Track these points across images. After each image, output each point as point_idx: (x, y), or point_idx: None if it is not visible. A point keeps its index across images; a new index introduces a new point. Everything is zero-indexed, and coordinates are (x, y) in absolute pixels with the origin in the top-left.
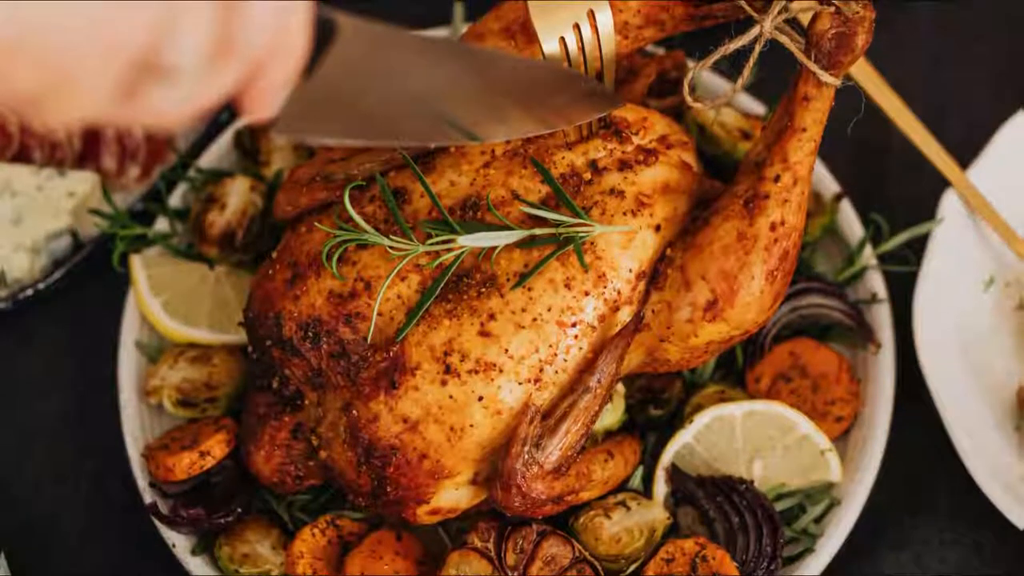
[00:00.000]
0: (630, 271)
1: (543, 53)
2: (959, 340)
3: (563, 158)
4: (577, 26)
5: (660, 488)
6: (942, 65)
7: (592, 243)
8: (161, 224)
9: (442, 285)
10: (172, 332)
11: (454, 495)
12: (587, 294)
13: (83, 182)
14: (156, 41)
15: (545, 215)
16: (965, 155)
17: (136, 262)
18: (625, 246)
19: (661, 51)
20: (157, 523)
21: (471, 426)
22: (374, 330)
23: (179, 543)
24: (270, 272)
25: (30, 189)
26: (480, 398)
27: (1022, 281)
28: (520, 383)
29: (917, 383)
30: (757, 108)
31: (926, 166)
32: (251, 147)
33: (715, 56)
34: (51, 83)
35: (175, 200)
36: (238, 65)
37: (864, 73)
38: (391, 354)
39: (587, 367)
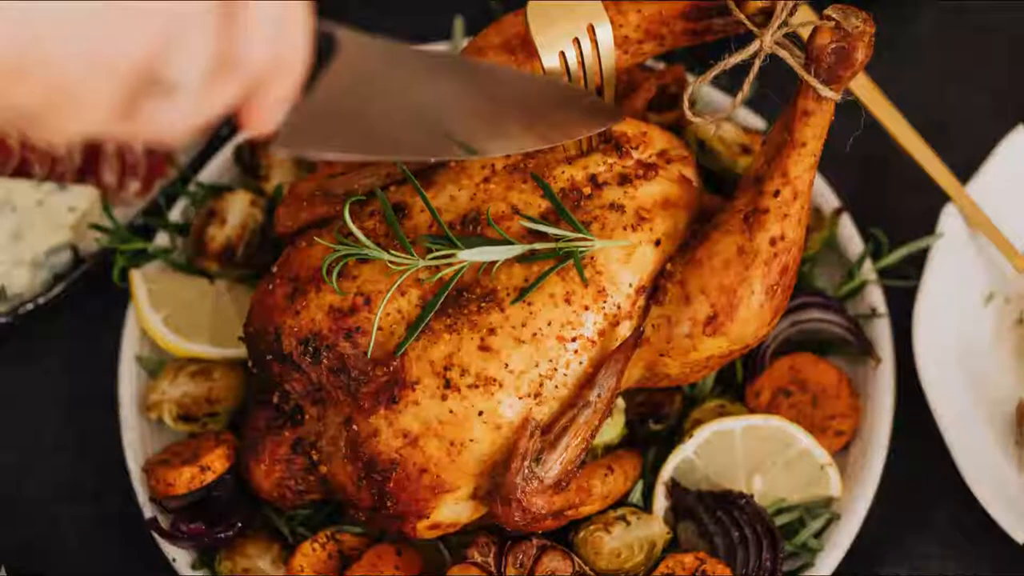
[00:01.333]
0: (630, 286)
1: (543, 68)
2: (959, 355)
3: (563, 173)
4: (577, 41)
5: (660, 503)
6: (942, 80)
7: (592, 258)
8: (161, 239)
9: (442, 300)
10: (172, 347)
11: (454, 510)
12: (587, 309)
13: (83, 197)
14: (157, 56)
15: (545, 230)
16: (965, 170)
17: (136, 277)
18: (625, 261)
19: (661, 66)
20: (157, 538)
21: (471, 441)
22: (374, 345)
23: (179, 558)
24: (270, 287)
25: (30, 204)
26: (480, 413)
27: (1022, 296)
28: (520, 398)
29: (917, 397)
30: (757, 123)
31: (926, 181)
32: (251, 162)
33: (715, 71)
34: (52, 99)
35: (175, 215)
36: (238, 80)
37: (864, 88)
38: (391, 369)
39: (587, 382)
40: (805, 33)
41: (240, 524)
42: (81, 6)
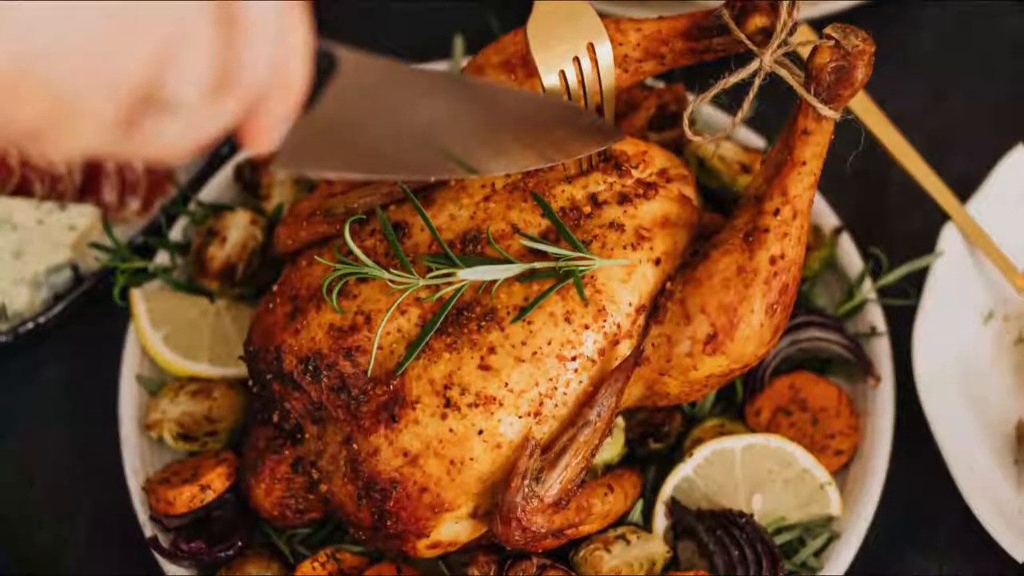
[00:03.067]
0: (630, 305)
1: (543, 86)
2: (958, 373)
3: (563, 192)
4: (577, 59)
5: (660, 521)
6: (942, 99)
7: (592, 277)
8: (162, 258)
9: (442, 319)
10: (173, 366)
11: (454, 528)
12: (587, 328)
13: (84, 216)
14: (157, 74)
15: (545, 249)
16: (965, 189)
17: (136, 296)
18: (625, 280)
19: (661, 85)
20: (158, 557)
21: (471, 459)
22: (374, 364)
23: None
24: (270, 306)
25: (31, 223)
26: (480, 431)
27: (1021, 315)
28: (520, 416)
29: (917, 416)
30: (757, 142)
31: (926, 200)
32: (252, 181)
33: (715, 90)
34: (52, 116)
35: (176, 234)
36: (239, 98)
37: (864, 107)
38: (391, 387)
39: (587, 401)
40: (805, 52)
41: (240, 543)
42: (82, 22)
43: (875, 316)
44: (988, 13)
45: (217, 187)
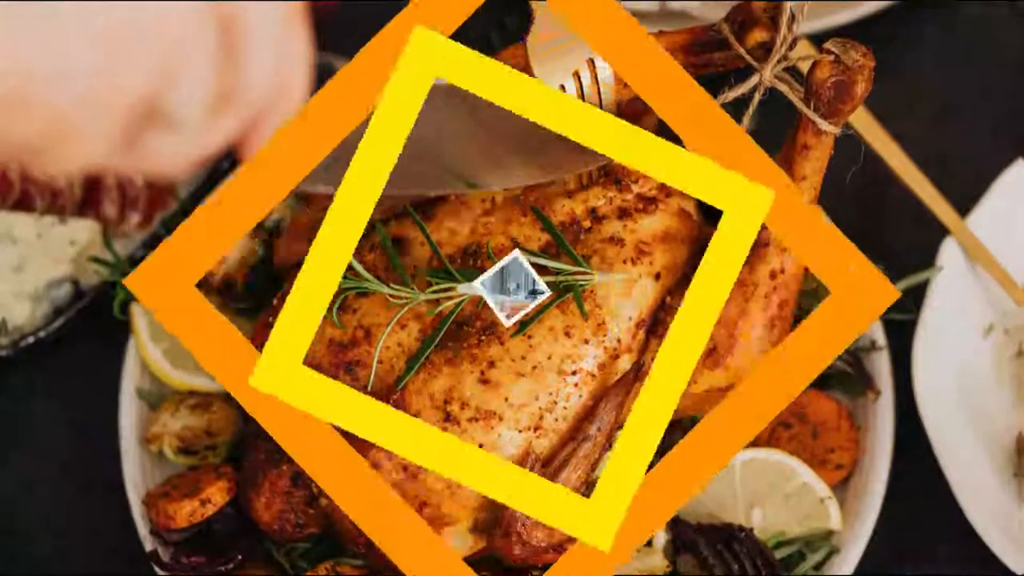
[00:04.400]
0: (630, 319)
1: None
2: (958, 387)
3: (563, 206)
4: (577, 74)
5: (660, 535)
6: (942, 114)
7: (592, 291)
8: None
9: (442, 333)
10: (173, 380)
11: (454, 543)
12: (587, 342)
13: (84, 230)
14: (158, 89)
15: (545, 263)
16: (965, 203)
17: (137, 310)
18: (625, 294)
19: None
20: (158, 570)
21: None
22: (374, 378)
23: None
24: (270, 320)
25: (31, 237)
26: (480, 446)
27: (1021, 328)
28: (520, 431)
29: (917, 430)
30: None
31: (925, 214)
32: None
33: None
34: (53, 132)
35: None
36: (239, 112)
37: (864, 122)
38: (391, 402)
39: (587, 415)
40: (805, 67)
41: (240, 556)
42: (82, 41)
43: (875, 330)
44: (989, 28)
45: None
